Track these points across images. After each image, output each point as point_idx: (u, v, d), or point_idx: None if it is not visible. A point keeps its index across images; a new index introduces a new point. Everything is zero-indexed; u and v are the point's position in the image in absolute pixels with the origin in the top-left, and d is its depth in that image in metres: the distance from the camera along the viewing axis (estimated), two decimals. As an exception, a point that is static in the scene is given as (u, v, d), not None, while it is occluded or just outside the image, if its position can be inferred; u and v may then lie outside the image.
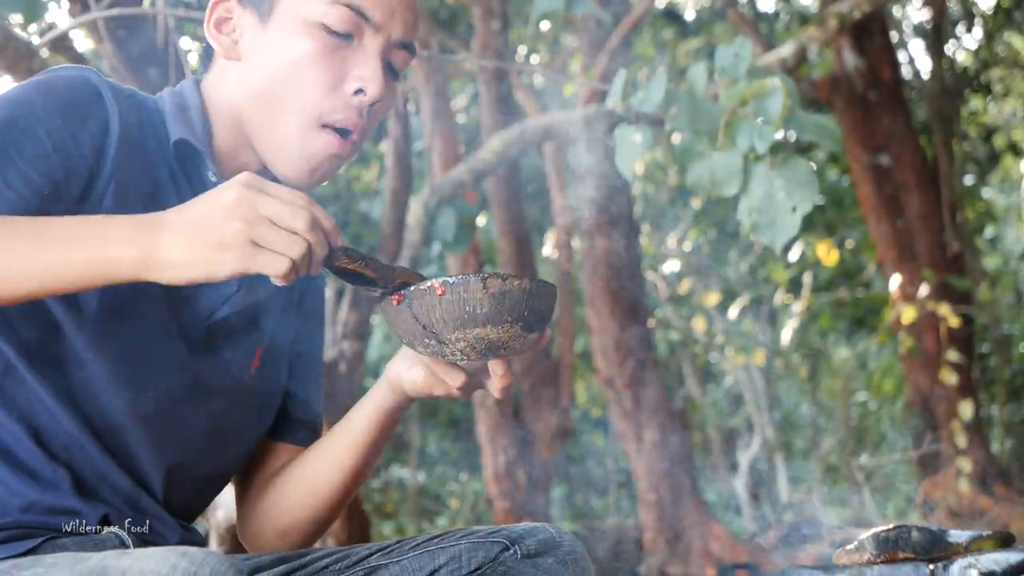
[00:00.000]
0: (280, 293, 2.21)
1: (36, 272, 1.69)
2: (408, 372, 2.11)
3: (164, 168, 2.04)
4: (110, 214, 1.86)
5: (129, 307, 1.96)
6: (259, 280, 2.11)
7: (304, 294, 2.32)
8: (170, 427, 2.05)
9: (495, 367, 1.95)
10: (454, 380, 2.00)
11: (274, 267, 1.69)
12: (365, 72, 2.02)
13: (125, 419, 1.98)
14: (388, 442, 2.27)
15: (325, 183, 2.16)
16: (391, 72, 2.10)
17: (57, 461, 1.94)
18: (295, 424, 2.33)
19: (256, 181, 1.71)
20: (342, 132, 2.04)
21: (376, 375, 12.92)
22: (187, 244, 1.66)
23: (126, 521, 2.00)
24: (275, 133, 2.05)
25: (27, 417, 1.94)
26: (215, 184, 2.01)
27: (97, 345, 1.94)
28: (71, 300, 1.92)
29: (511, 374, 1.97)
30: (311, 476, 2.26)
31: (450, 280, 1.86)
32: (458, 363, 1.97)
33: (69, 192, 1.88)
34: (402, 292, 1.89)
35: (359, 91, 2.03)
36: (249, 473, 2.35)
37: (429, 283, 1.86)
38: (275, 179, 2.12)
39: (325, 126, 2.03)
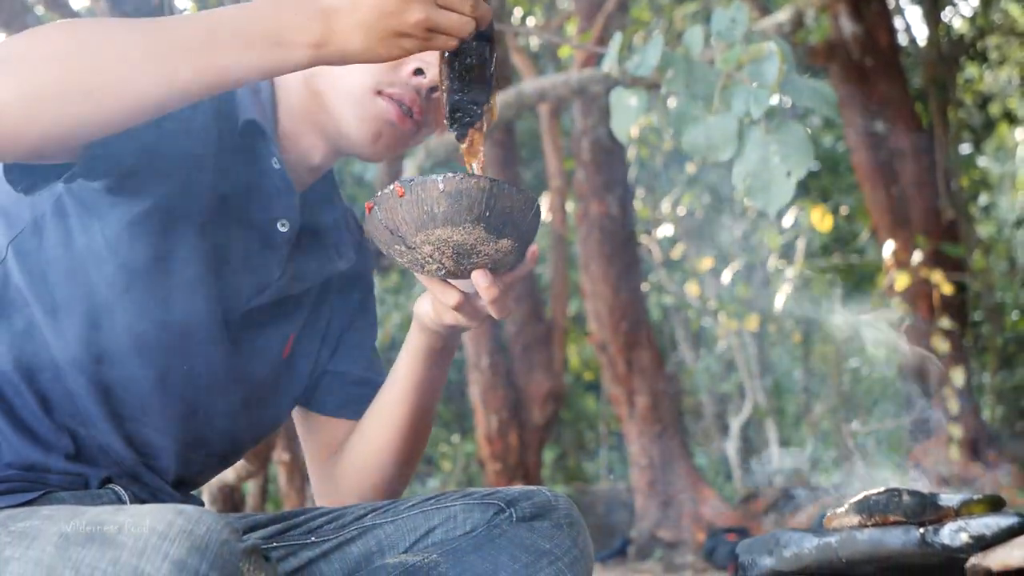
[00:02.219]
0: (323, 280, 2.21)
1: (216, 63, 1.67)
2: (422, 305, 2.11)
3: (229, 145, 2.03)
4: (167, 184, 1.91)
5: (171, 279, 1.96)
6: (303, 270, 2.14)
7: (353, 278, 2.31)
8: (192, 404, 2.05)
9: (477, 279, 1.92)
10: (448, 298, 1.98)
11: (447, 44, 1.75)
12: (426, 55, 2.00)
13: (147, 391, 1.98)
14: (438, 384, 2.25)
15: (395, 155, 2.16)
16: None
17: (62, 430, 1.94)
18: (354, 399, 2.32)
19: None
20: (400, 106, 2.03)
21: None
22: (366, 33, 1.67)
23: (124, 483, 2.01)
24: (336, 103, 2.05)
25: (38, 382, 1.94)
26: (277, 171, 2.04)
27: (132, 312, 1.94)
28: (120, 267, 1.92)
29: (499, 287, 1.94)
30: (371, 437, 2.27)
31: (408, 179, 1.85)
32: (437, 274, 1.94)
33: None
34: (372, 199, 1.89)
35: (419, 71, 2.03)
36: (319, 451, 2.36)
37: (392, 185, 1.86)
38: (330, 173, 2.17)
39: (382, 93, 2.02)
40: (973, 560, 1.68)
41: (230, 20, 1.68)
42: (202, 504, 2.20)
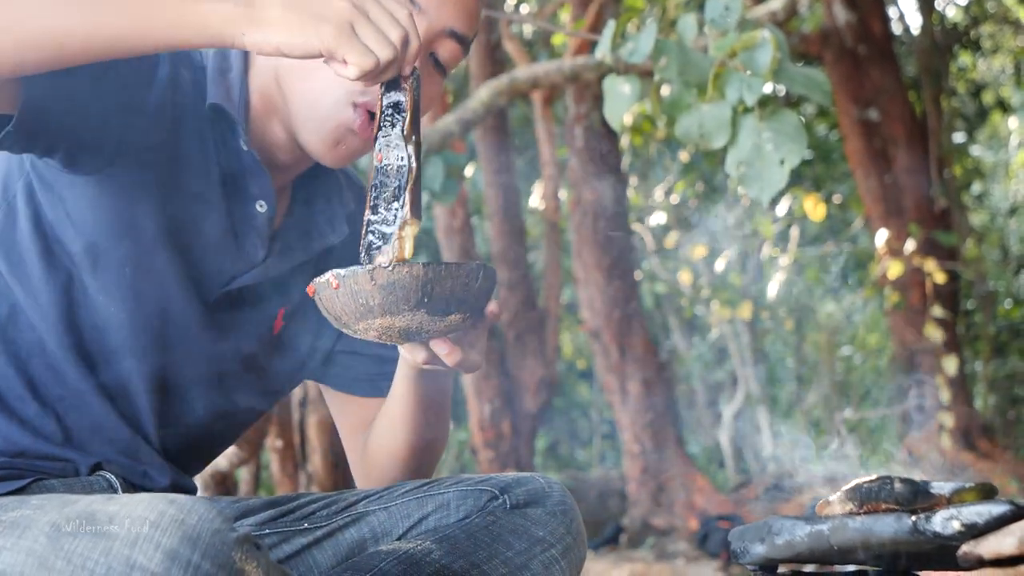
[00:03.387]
0: (315, 254, 2.19)
1: (125, 20, 1.64)
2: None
3: (203, 131, 2.02)
4: (139, 158, 1.91)
5: (145, 257, 1.96)
6: (290, 248, 2.12)
7: (354, 253, 2.27)
8: (183, 382, 2.05)
9: (436, 348, 1.91)
10: (416, 357, 1.96)
11: (361, 60, 1.69)
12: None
13: (131, 369, 1.99)
14: (439, 402, 2.21)
15: (352, 162, 2.12)
16: (436, 65, 2.05)
17: (49, 412, 1.94)
18: (374, 378, 2.31)
19: None
20: (370, 114, 1.99)
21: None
22: (286, 7, 1.64)
23: (117, 467, 2.01)
24: (303, 108, 2.01)
25: (24, 365, 1.94)
26: (247, 153, 2.02)
27: (106, 291, 1.94)
28: (88, 246, 1.92)
29: (461, 350, 1.92)
30: (384, 430, 2.26)
31: (341, 273, 1.82)
32: (386, 343, 1.91)
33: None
34: (313, 283, 1.87)
35: None
36: (349, 431, 2.37)
37: (327, 276, 1.84)
38: (299, 154, 2.12)
39: (356, 105, 1.98)
40: (965, 548, 1.68)
41: None
42: (195, 489, 2.20)
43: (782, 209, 14.18)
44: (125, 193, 1.93)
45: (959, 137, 14.31)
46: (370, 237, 1.87)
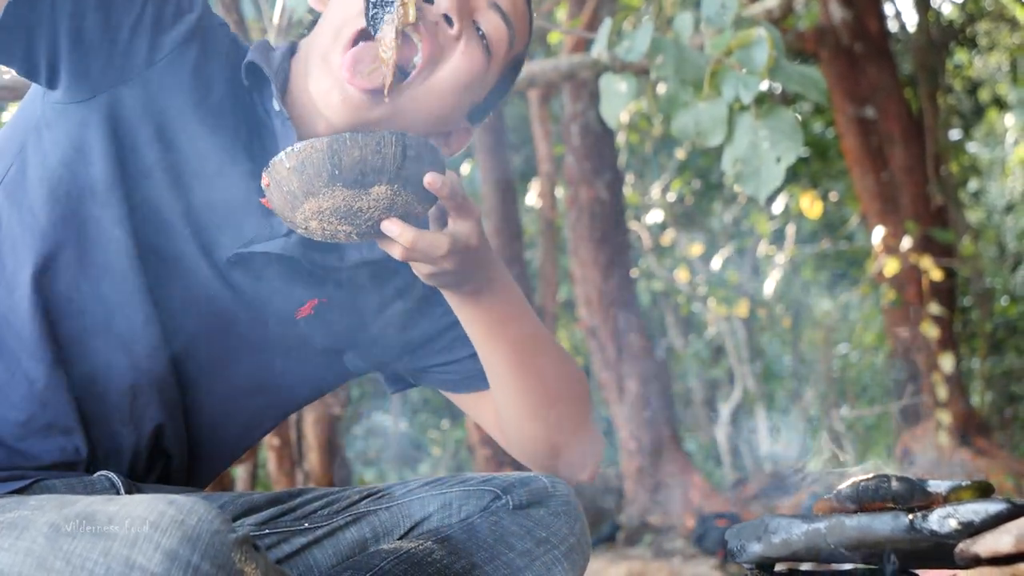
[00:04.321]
0: (366, 266, 2.14)
1: None
2: None
3: (237, 92, 2.01)
4: (147, 91, 1.92)
5: (149, 192, 1.96)
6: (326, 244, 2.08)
7: (411, 284, 2.18)
8: (199, 375, 2.05)
9: (387, 229, 1.87)
10: (393, 252, 1.92)
11: None
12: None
13: (146, 362, 1.98)
14: (511, 327, 2.12)
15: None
16: (478, 34, 2.00)
17: (57, 403, 1.94)
18: (479, 371, 2.23)
19: None
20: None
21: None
22: None
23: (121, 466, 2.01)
24: (312, 61, 1.98)
25: (25, 369, 1.94)
26: (278, 112, 1.99)
27: (112, 231, 1.93)
28: (83, 178, 1.92)
29: (412, 229, 1.87)
30: (500, 398, 2.20)
31: (267, 166, 1.84)
32: (352, 240, 1.90)
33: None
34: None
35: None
36: (490, 426, 2.32)
37: (263, 175, 1.86)
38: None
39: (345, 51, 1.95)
40: (962, 546, 1.68)
41: None
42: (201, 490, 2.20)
43: (778, 207, 14.19)
44: (125, 122, 1.93)
45: (955, 134, 14.32)
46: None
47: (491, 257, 2.04)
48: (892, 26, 12.91)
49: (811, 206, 11.62)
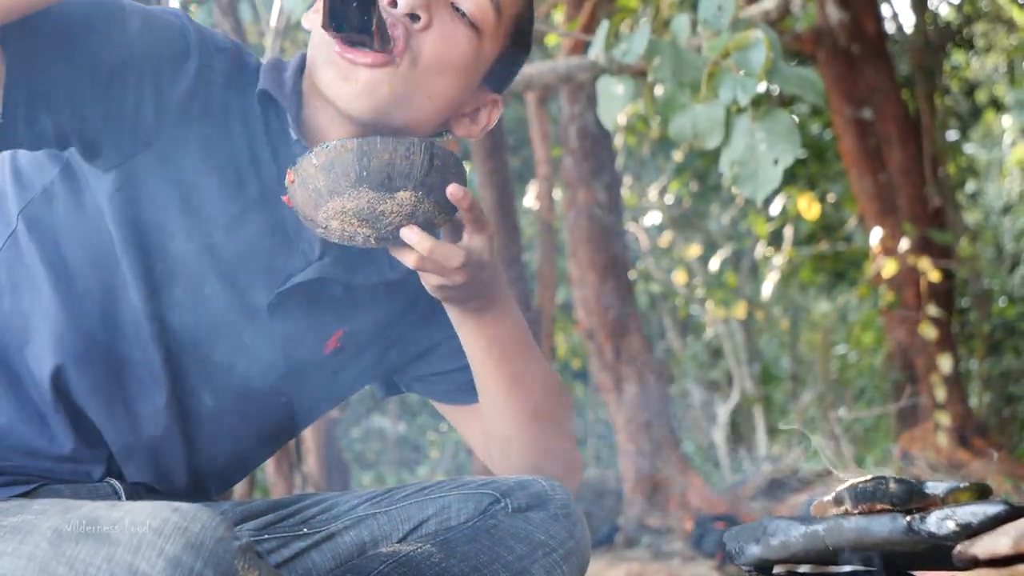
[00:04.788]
0: (375, 284, 2.14)
1: None
2: None
3: (243, 120, 1.98)
4: (160, 154, 1.89)
5: (182, 252, 1.95)
6: (350, 260, 2.07)
7: (417, 288, 2.14)
8: (216, 382, 2.05)
9: (406, 236, 1.88)
10: (407, 261, 1.93)
11: None
12: None
13: (159, 367, 1.98)
14: (507, 342, 2.15)
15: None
16: (458, 12, 1.95)
17: (69, 413, 1.94)
18: (470, 388, 2.25)
19: None
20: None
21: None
22: None
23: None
24: (317, 59, 1.95)
25: (44, 363, 1.93)
26: (296, 141, 1.98)
27: (145, 285, 1.93)
28: (136, 254, 1.91)
29: (431, 239, 1.89)
30: (488, 414, 2.23)
31: (295, 163, 1.85)
32: (371, 244, 1.91)
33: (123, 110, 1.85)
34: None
35: (394, 3, 1.91)
36: (474, 439, 2.33)
37: (288, 172, 1.87)
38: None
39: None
40: (960, 548, 1.69)
41: None
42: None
43: (776, 208, 14.18)
44: (150, 190, 1.92)
45: (953, 136, 14.32)
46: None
47: (498, 274, 2.06)
48: (889, 27, 12.91)
49: (809, 208, 11.62)
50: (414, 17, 1.92)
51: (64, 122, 1.81)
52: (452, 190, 1.89)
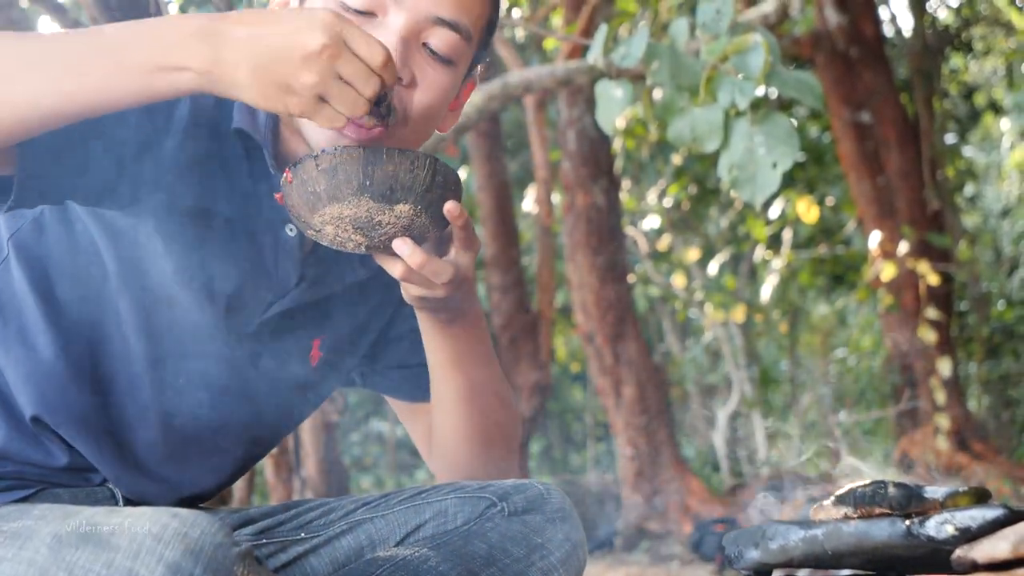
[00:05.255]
0: (348, 286, 2.17)
1: (91, 84, 1.62)
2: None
3: (220, 155, 1.99)
4: (154, 206, 1.89)
5: (171, 288, 1.96)
6: (322, 276, 2.10)
7: (388, 283, 2.17)
8: (208, 412, 2.05)
9: (397, 247, 1.87)
10: (392, 269, 1.93)
11: (331, 122, 1.67)
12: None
13: (149, 398, 1.98)
14: (470, 358, 2.17)
15: None
16: (433, 55, 1.94)
17: (59, 435, 1.94)
18: (425, 386, 2.27)
19: (341, 27, 1.64)
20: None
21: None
22: (253, 72, 1.61)
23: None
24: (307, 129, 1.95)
25: (34, 386, 1.93)
26: (273, 175, 1.98)
27: (132, 319, 1.93)
28: (112, 269, 1.93)
29: (422, 253, 1.88)
30: (438, 422, 2.25)
31: (294, 164, 1.84)
32: (361, 251, 1.90)
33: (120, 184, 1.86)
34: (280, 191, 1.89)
35: None
36: (420, 435, 2.36)
37: (285, 171, 1.85)
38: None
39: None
40: (959, 552, 1.69)
41: (112, 39, 1.64)
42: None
43: (775, 212, 14.18)
44: (145, 231, 1.93)
45: (951, 139, 14.33)
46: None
47: (475, 290, 2.08)
48: (888, 31, 12.93)
49: (807, 211, 11.62)
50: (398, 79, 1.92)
51: (70, 188, 1.83)
52: (450, 207, 1.88)
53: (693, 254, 15.24)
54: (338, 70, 1.64)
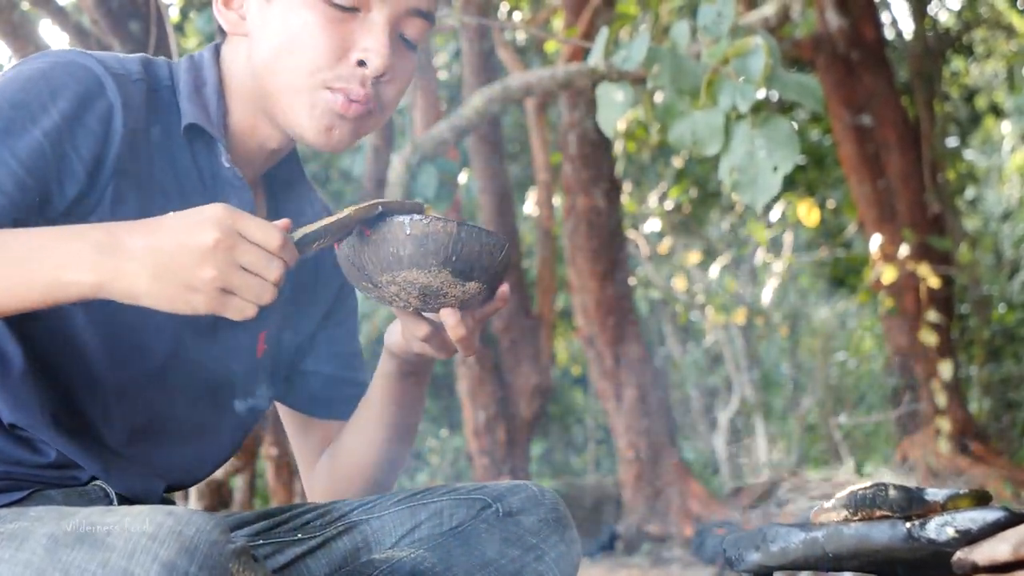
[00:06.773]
0: (295, 276, 2.17)
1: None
2: (392, 334, 2.10)
3: (174, 155, 1.99)
4: (101, 218, 1.85)
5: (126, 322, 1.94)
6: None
7: (330, 273, 2.25)
8: (163, 406, 2.04)
9: (446, 317, 1.91)
10: (418, 330, 1.97)
11: (242, 313, 1.67)
12: (369, 44, 1.93)
13: (111, 393, 1.98)
14: (414, 403, 2.23)
15: (352, 144, 2.09)
16: (404, 43, 2.00)
17: (46, 428, 1.94)
18: (332, 400, 2.31)
19: (232, 219, 1.65)
20: (348, 96, 1.96)
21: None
22: (153, 278, 1.63)
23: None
24: (284, 99, 1.97)
25: (12, 381, 1.93)
26: (228, 169, 1.99)
27: (92, 315, 1.93)
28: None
29: (467, 326, 1.93)
30: (350, 448, 2.27)
31: (378, 218, 1.84)
32: (404, 309, 1.93)
33: (63, 195, 1.84)
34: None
35: (362, 63, 1.94)
36: (306, 449, 2.37)
37: (363, 229, 1.85)
38: (294, 153, 2.15)
39: (332, 89, 1.94)
40: (959, 554, 1.69)
41: (16, 254, 1.67)
42: (173, 503, 2.20)
43: (776, 215, 14.19)
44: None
45: (952, 142, 14.32)
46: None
47: None
48: (888, 34, 12.92)
49: (808, 214, 11.63)
50: (379, 76, 1.97)
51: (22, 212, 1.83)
52: (505, 291, 1.95)
53: (694, 257, 15.26)
54: (238, 260, 1.65)
